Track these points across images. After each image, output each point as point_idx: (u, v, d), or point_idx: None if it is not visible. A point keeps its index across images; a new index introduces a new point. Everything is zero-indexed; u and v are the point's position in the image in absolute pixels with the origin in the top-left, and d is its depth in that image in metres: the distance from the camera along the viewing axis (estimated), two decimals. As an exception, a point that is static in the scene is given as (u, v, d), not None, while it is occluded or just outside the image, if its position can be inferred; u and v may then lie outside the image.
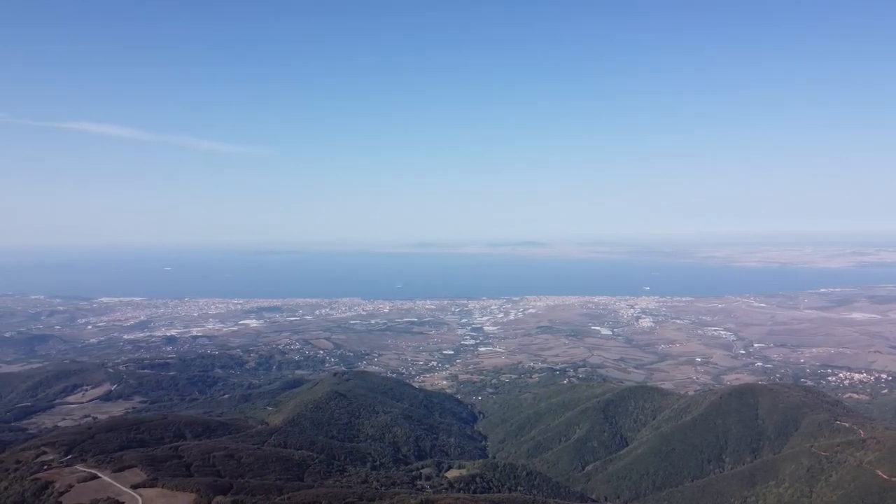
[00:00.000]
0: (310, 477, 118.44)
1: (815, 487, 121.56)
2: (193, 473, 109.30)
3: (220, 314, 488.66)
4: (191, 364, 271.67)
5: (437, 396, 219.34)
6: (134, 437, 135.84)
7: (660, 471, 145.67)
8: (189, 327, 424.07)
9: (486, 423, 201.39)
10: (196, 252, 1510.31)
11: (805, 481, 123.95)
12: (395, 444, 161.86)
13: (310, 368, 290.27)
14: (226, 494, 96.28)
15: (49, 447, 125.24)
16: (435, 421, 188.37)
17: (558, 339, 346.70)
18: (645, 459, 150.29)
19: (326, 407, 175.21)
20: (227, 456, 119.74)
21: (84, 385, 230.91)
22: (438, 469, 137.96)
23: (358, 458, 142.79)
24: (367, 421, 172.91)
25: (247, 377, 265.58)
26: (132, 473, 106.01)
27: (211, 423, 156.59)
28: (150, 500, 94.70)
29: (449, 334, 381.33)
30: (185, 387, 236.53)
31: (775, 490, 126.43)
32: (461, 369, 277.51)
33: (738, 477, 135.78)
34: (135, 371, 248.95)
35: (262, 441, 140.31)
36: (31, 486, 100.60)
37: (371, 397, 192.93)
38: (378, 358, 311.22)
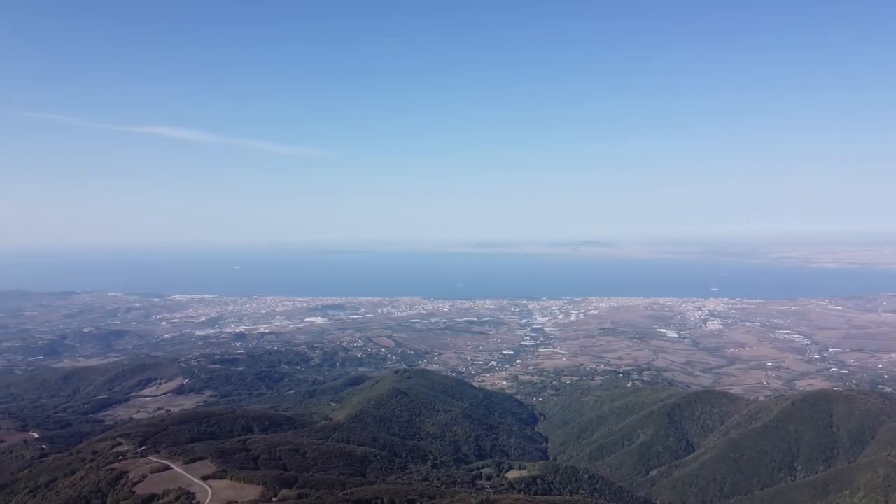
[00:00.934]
0: (372, 473, 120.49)
1: (891, 498, 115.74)
2: (260, 466, 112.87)
3: (287, 311, 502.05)
4: (259, 360, 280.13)
5: (497, 396, 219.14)
6: (204, 430, 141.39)
7: (728, 478, 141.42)
8: (257, 324, 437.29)
9: (546, 425, 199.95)
10: (264, 251, 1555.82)
11: (881, 491, 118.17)
12: (456, 443, 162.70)
13: (372, 366, 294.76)
14: (291, 488, 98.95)
15: (124, 438, 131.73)
16: (495, 421, 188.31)
17: (622, 341, 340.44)
18: (712, 466, 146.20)
19: (388, 404, 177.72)
20: (293, 450, 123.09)
21: (158, 379, 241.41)
22: (499, 469, 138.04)
23: (419, 456, 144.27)
24: (428, 419, 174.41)
25: (312, 373, 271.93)
26: (202, 465, 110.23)
27: (277, 418, 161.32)
28: (219, 491, 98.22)
29: (508, 334, 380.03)
30: (252, 382, 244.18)
31: (849, 500, 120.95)
32: (521, 370, 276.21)
33: (811, 486, 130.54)
34: (206, 366, 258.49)
35: (325, 436, 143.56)
36: (106, 476, 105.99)
37: (432, 396, 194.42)
38: (438, 357, 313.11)
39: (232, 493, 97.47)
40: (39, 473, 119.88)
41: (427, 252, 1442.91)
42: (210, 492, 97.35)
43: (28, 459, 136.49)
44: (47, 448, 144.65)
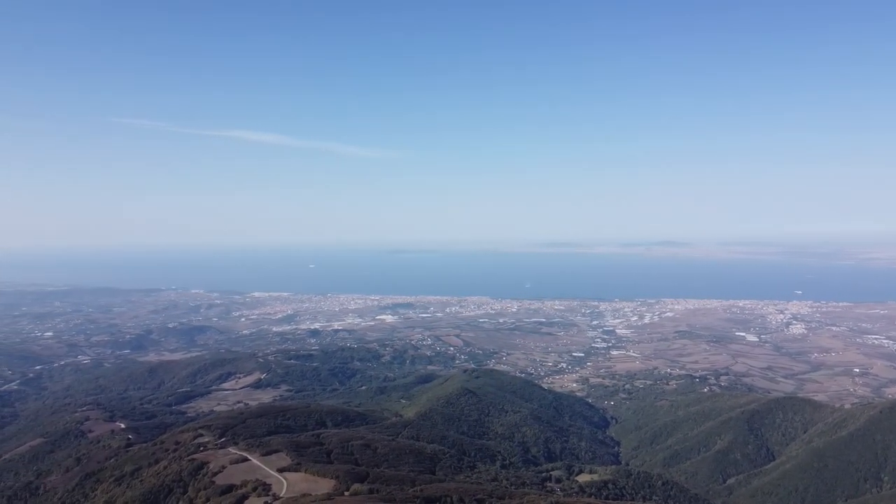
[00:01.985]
0: (441, 471, 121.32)
1: None
2: (333, 460, 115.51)
3: (359, 309, 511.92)
4: (332, 356, 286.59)
5: (567, 399, 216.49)
6: (280, 423, 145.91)
7: (810, 488, 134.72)
8: (331, 321, 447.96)
9: (618, 429, 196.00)
10: (337, 251, 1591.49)
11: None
12: (525, 445, 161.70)
13: (440, 364, 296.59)
14: (363, 482, 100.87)
15: (205, 430, 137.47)
16: (565, 423, 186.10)
17: (698, 344, 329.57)
18: (794, 475, 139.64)
19: (457, 403, 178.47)
20: (365, 445, 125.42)
21: (237, 373, 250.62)
22: (569, 472, 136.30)
23: (488, 456, 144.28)
24: (497, 419, 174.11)
25: (382, 370, 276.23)
26: (278, 457, 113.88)
27: (350, 413, 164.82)
28: (294, 483, 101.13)
29: (579, 336, 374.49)
30: (326, 377, 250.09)
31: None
32: (592, 372, 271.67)
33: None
34: (282, 361, 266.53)
35: (396, 433, 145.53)
36: (188, 466, 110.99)
37: (500, 396, 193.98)
38: (506, 357, 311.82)
39: (306, 485, 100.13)
40: (125, 462, 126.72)
41: (495, 252, 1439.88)
42: (285, 484, 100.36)
43: (115, 449, 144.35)
44: (133, 438, 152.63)
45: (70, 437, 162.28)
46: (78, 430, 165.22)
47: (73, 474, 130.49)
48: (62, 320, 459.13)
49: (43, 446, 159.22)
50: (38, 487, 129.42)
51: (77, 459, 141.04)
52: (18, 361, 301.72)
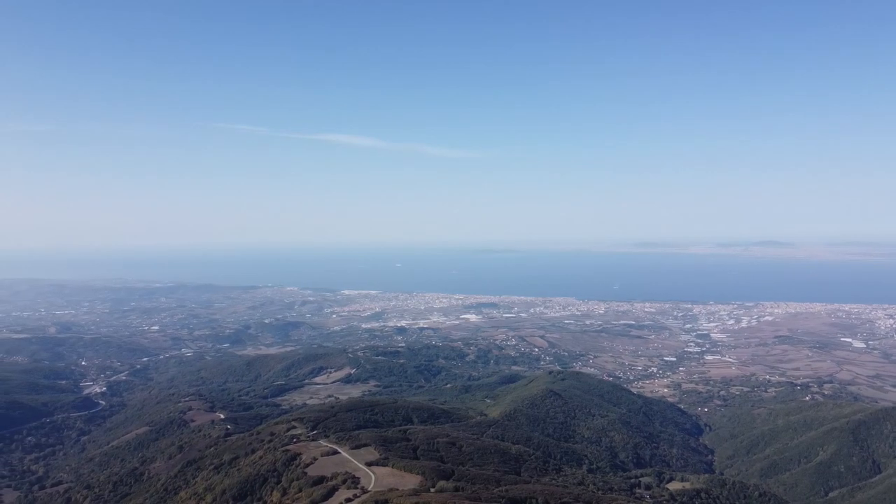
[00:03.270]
0: (526, 472, 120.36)
1: None
2: (419, 456, 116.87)
3: (444, 308, 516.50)
4: (418, 353, 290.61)
5: (658, 404, 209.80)
6: (369, 418, 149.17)
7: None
8: (416, 319, 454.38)
9: (712, 437, 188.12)
10: (423, 250, 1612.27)
11: None
12: (613, 450, 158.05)
13: (525, 365, 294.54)
14: (448, 480, 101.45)
15: (298, 422, 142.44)
16: (655, 429, 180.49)
17: (799, 350, 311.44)
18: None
19: (542, 405, 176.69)
20: (450, 443, 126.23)
21: (328, 368, 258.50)
22: (659, 479, 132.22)
23: (574, 459, 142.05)
24: (583, 422, 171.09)
25: (467, 369, 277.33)
26: (367, 451, 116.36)
27: (435, 410, 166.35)
28: (381, 478, 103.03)
29: (670, 340, 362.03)
30: (412, 374, 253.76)
31: None
32: (684, 377, 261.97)
33: None
34: (370, 357, 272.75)
35: (480, 432, 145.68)
36: (282, 457, 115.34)
37: (587, 399, 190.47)
38: (593, 360, 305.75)
39: (393, 480, 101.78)
40: (224, 451, 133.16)
41: (582, 252, 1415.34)
42: (373, 478, 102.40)
43: (214, 438, 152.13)
44: (231, 428, 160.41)
45: (173, 425, 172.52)
46: (181, 420, 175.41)
47: (176, 461, 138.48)
48: (167, 315, 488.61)
49: (148, 434, 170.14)
50: (142, 473, 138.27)
51: (179, 447, 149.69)
52: (127, 354, 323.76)
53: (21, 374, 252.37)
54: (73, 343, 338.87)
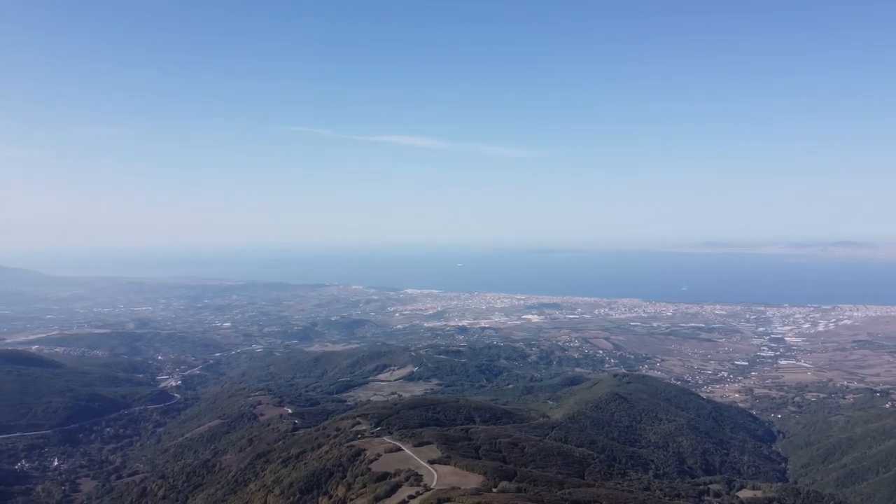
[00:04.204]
0: (590, 476, 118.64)
1: None
2: (481, 456, 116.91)
3: (505, 308, 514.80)
4: (479, 353, 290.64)
5: (728, 410, 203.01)
6: (431, 416, 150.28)
7: None
8: (478, 319, 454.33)
9: (785, 444, 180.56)
10: (484, 250, 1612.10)
11: None
12: (680, 455, 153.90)
13: (588, 367, 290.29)
14: (510, 481, 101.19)
15: (363, 419, 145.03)
16: (725, 435, 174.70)
17: (880, 356, 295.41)
18: None
19: (606, 408, 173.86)
20: (512, 444, 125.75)
21: (391, 365, 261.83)
22: (729, 487, 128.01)
23: (640, 464, 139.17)
24: (650, 427, 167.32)
25: (529, 370, 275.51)
26: (429, 449, 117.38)
27: (497, 411, 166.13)
28: (443, 476, 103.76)
29: (742, 343, 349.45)
30: (474, 374, 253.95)
31: None
32: (756, 382, 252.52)
33: None
34: (433, 356, 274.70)
35: (543, 434, 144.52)
36: (347, 452, 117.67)
37: (653, 403, 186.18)
38: (660, 363, 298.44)
39: (455, 479, 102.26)
40: (291, 445, 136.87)
41: (647, 252, 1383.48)
42: (436, 476, 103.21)
43: (282, 432, 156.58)
44: (298, 423, 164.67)
45: (244, 419, 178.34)
46: (251, 414, 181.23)
47: (246, 454, 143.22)
48: (239, 312, 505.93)
49: (220, 427, 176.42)
50: (214, 465, 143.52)
51: (249, 440, 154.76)
52: (201, 349, 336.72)
53: (101, 368, 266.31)
54: (150, 338, 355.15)
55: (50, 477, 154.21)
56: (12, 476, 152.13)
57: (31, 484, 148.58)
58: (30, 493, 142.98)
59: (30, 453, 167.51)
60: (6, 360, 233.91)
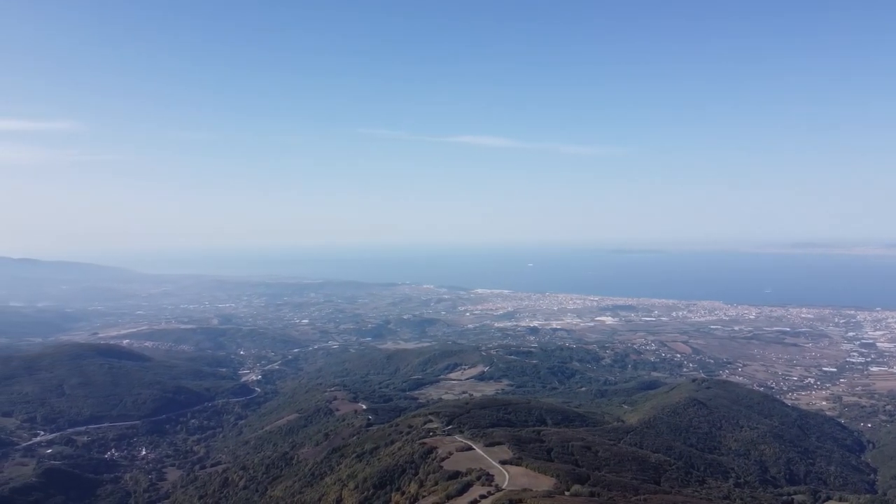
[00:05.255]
0: (666, 482, 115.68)
1: None
2: (553, 459, 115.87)
3: (577, 309, 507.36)
4: (551, 355, 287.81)
5: (815, 418, 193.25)
6: (502, 417, 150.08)
7: None
8: (549, 320, 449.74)
9: (875, 455, 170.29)
10: (554, 250, 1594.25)
11: None
12: (762, 464, 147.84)
13: (665, 371, 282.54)
14: (583, 484, 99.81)
15: (434, 417, 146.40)
16: (810, 444, 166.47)
17: None
18: None
19: (684, 413, 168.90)
20: (585, 447, 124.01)
21: (462, 365, 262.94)
22: (814, 498, 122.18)
23: (719, 472, 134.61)
24: (730, 434, 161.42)
25: (602, 373, 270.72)
26: (500, 450, 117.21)
27: (569, 413, 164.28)
28: (515, 477, 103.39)
29: (830, 349, 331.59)
30: (545, 375, 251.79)
31: None
32: (845, 390, 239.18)
33: None
34: (503, 356, 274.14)
35: (617, 438, 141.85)
36: (419, 449, 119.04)
37: (734, 409, 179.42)
38: (742, 368, 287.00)
39: (526, 480, 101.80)
40: (365, 441, 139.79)
41: (729, 252, 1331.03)
42: (507, 477, 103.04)
43: (357, 427, 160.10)
44: (372, 419, 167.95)
45: (320, 414, 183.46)
46: (327, 409, 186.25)
47: (322, 448, 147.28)
48: (316, 309, 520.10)
49: (297, 421, 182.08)
50: (292, 458, 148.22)
51: (325, 435, 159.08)
52: (280, 345, 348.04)
53: (187, 362, 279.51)
54: (232, 334, 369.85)
55: (138, 466, 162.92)
56: (102, 465, 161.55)
57: (120, 472, 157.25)
58: (119, 482, 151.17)
59: (119, 443, 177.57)
60: (99, 354, 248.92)
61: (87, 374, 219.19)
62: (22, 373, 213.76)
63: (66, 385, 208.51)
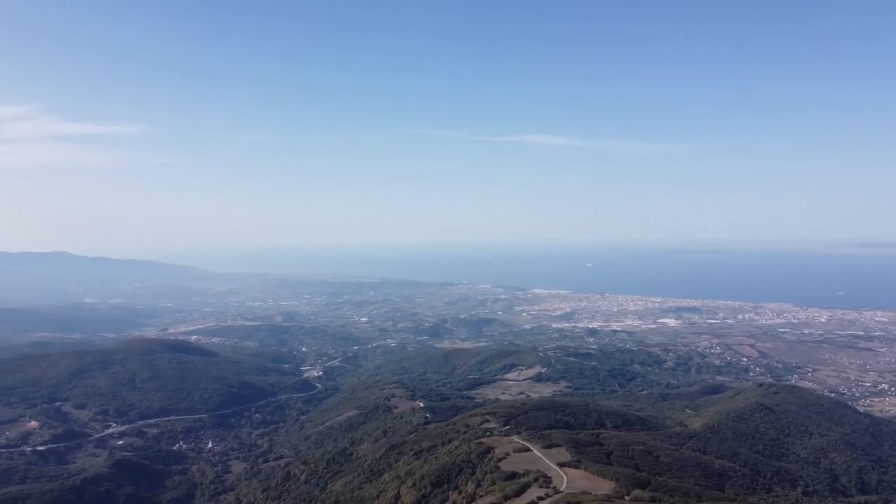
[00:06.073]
0: (731, 489, 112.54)
1: None
2: (613, 462, 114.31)
3: (638, 311, 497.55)
4: (610, 357, 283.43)
5: (889, 425, 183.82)
6: (560, 419, 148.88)
7: None
8: (609, 321, 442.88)
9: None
10: (614, 250, 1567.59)
11: None
12: (833, 472, 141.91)
13: (731, 375, 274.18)
14: (644, 489, 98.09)
15: (491, 416, 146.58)
16: (884, 453, 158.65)
17: None
18: None
19: (750, 419, 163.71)
20: (646, 451, 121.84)
21: (519, 365, 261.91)
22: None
23: (787, 480, 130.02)
24: (798, 441, 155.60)
25: (664, 376, 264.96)
26: (558, 452, 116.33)
27: (630, 417, 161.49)
28: (573, 480, 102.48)
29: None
30: (605, 378, 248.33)
31: None
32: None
33: None
34: (561, 357, 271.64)
35: (680, 443, 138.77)
36: (476, 449, 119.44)
37: (803, 415, 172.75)
38: (812, 373, 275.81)
39: (585, 483, 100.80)
40: (423, 439, 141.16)
41: (798, 253, 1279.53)
42: (565, 479, 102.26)
43: (414, 425, 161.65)
44: (430, 417, 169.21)
45: (379, 411, 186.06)
46: (385, 406, 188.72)
47: (380, 445, 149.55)
48: (374, 308, 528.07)
49: (357, 417, 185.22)
50: (351, 454, 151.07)
51: (384, 431, 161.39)
52: (340, 342, 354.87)
53: (251, 358, 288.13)
54: (295, 331, 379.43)
55: (204, 458, 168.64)
56: (171, 456, 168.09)
57: (188, 464, 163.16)
58: (186, 473, 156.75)
59: (187, 435, 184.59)
60: (169, 349, 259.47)
61: (158, 368, 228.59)
62: (96, 367, 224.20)
63: (138, 379, 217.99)
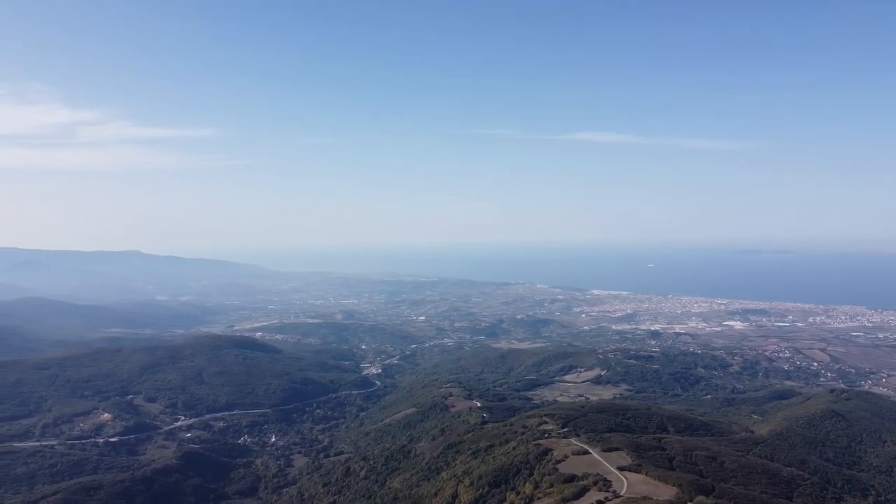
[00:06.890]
0: (799, 498, 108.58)
1: None
2: (675, 468, 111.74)
3: (703, 313, 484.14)
4: (673, 360, 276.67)
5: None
6: (620, 422, 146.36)
7: None
8: (671, 323, 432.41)
9: None
10: (677, 250, 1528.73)
11: None
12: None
13: (801, 380, 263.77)
14: (708, 496, 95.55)
15: (549, 418, 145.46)
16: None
17: None
18: None
19: (820, 425, 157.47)
20: (710, 457, 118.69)
21: (578, 367, 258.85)
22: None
23: (858, 489, 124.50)
24: (871, 449, 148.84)
25: (730, 380, 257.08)
26: (618, 455, 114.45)
27: (693, 422, 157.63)
28: (634, 484, 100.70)
29: None
30: (667, 381, 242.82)
31: None
32: None
33: None
34: (621, 360, 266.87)
35: (746, 449, 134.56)
36: (533, 450, 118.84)
37: (876, 423, 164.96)
38: (886, 379, 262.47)
39: (646, 488, 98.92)
40: (480, 438, 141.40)
41: (874, 254, 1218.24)
42: (626, 483, 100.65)
43: (472, 425, 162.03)
44: (487, 417, 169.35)
45: (436, 409, 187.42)
46: (443, 405, 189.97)
47: (438, 443, 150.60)
48: (432, 307, 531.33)
49: (415, 415, 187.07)
50: (409, 451, 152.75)
51: (441, 430, 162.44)
52: (398, 340, 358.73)
53: (313, 355, 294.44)
54: (354, 329, 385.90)
55: (268, 452, 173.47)
56: (236, 450, 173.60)
57: (252, 457, 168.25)
58: (250, 466, 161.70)
59: (251, 429, 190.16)
60: (235, 345, 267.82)
61: (224, 363, 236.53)
62: (166, 362, 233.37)
63: (205, 374, 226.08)
